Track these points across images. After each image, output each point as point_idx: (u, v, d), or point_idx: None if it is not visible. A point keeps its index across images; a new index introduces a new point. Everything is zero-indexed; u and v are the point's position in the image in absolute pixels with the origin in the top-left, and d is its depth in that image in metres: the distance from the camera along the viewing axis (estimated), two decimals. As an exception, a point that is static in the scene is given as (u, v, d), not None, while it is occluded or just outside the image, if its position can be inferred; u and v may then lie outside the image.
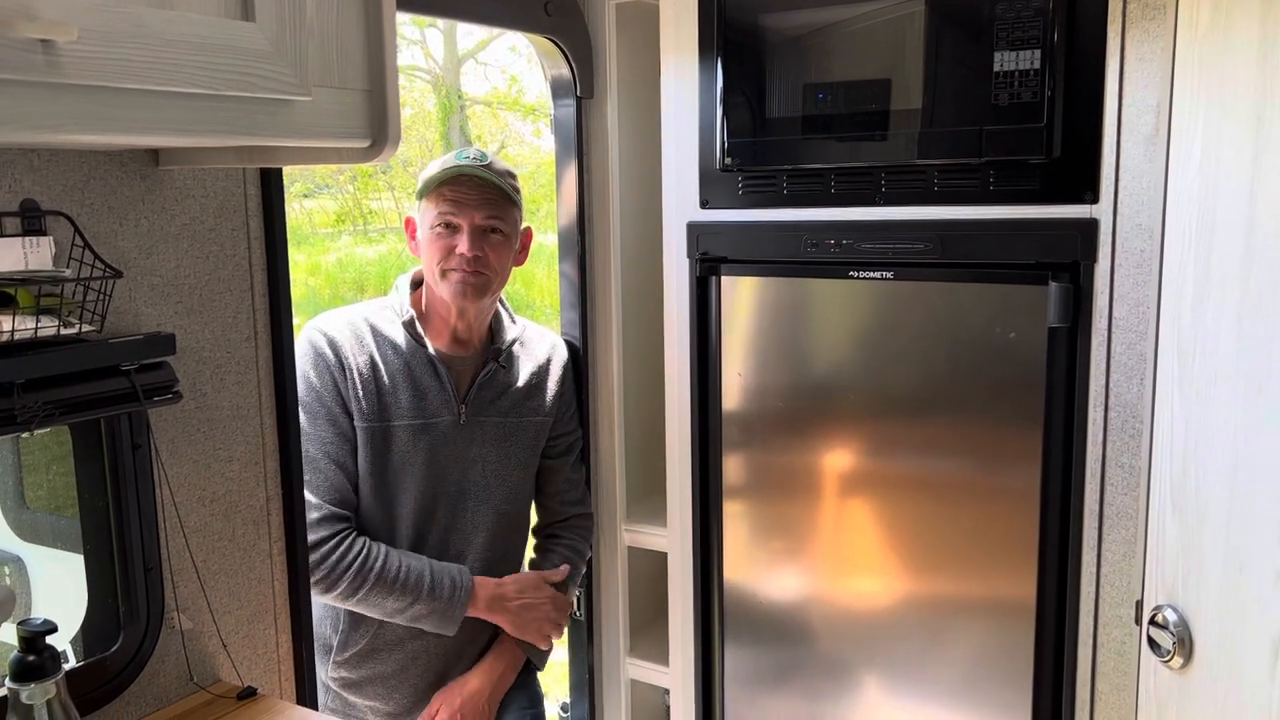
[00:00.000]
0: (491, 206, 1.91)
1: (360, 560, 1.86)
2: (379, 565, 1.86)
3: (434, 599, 1.90)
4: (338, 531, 1.86)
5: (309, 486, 1.84)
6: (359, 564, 1.85)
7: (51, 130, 0.87)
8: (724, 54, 1.83)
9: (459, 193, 1.89)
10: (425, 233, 1.93)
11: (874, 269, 1.76)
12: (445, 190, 1.89)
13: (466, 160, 1.90)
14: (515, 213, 1.96)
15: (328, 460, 1.87)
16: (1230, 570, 1.24)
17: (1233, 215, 1.22)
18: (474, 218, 1.89)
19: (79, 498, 1.37)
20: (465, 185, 1.89)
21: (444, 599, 1.91)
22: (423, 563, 1.92)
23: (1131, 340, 1.55)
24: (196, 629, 1.43)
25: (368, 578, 1.86)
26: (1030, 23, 1.55)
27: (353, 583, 1.85)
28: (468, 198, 1.89)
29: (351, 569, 1.85)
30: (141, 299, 1.34)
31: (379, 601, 1.88)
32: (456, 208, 1.89)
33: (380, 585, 1.86)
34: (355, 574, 1.85)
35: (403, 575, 1.88)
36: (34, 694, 1.09)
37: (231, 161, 1.28)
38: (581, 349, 2.23)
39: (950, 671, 1.80)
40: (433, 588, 1.90)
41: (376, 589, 1.86)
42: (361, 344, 1.92)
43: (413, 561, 1.91)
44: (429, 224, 1.92)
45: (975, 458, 1.74)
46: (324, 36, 1.07)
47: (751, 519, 1.98)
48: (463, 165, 1.89)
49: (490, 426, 2.00)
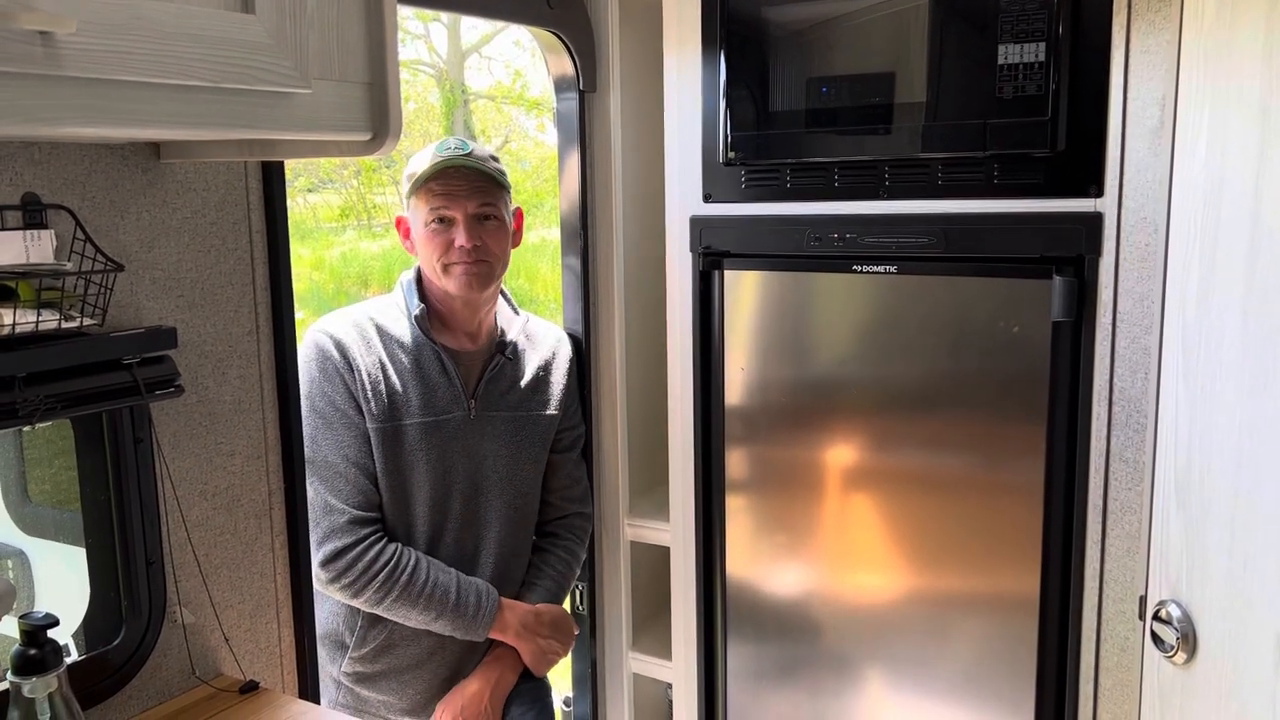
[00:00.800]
0: (482, 194, 1.90)
1: (390, 567, 1.85)
2: (407, 575, 1.86)
3: (458, 616, 1.90)
4: (366, 536, 1.86)
5: (331, 492, 1.84)
6: (388, 571, 1.85)
7: (51, 123, 0.87)
8: (727, 47, 1.82)
9: (448, 185, 1.88)
10: (420, 230, 1.92)
11: (877, 263, 1.76)
12: (433, 185, 1.88)
13: (448, 151, 1.89)
14: (505, 196, 1.96)
15: (348, 464, 1.86)
16: (1234, 565, 1.24)
17: (1238, 209, 1.21)
18: (467, 208, 1.89)
19: (81, 491, 1.37)
20: (453, 177, 1.89)
21: (468, 617, 1.91)
22: (450, 577, 1.91)
23: (1136, 334, 1.54)
24: (198, 623, 1.44)
25: (394, 586, 1.85)
26: (1035, 15, 1.54)
27: (380, 590, 1.85)
28: (457, 189, 1.88)
29: (380, 575, 1.84)
30: (143, 293, 1.34)
31: (404, 611, 1.88)
32: (448, 201, 1.88)
33: (406, 596, 1.86)
34: (384, 581, 1.84)
35: (429, 589, 1.87)
36: (36, 687, 1.09)
37: (232, 155, 1.28)
38: (584, 343, 2.22)
39: (953, 666, 1.79)
40: (458, 604, 1.89)
41: (403, 599, 1.86)
42: (369, 345, 1.91)
43: (441, 575, 1.90)
44: (423, 221, 1.91)
45: (979, 452, 1.74)
46: (324, 29, 1.07)
47: (754, 513, 1.98)
48: (447, 157, 1.88)
49: (500, 421, 2.00)
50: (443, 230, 1.90)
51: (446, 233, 1.89)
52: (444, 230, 1.89)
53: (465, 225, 1.88)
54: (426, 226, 1.91)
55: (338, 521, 1.83)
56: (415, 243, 1.95)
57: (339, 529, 1.83)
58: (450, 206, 1.88)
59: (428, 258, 1.92)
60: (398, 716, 2.00)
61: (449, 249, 1.89)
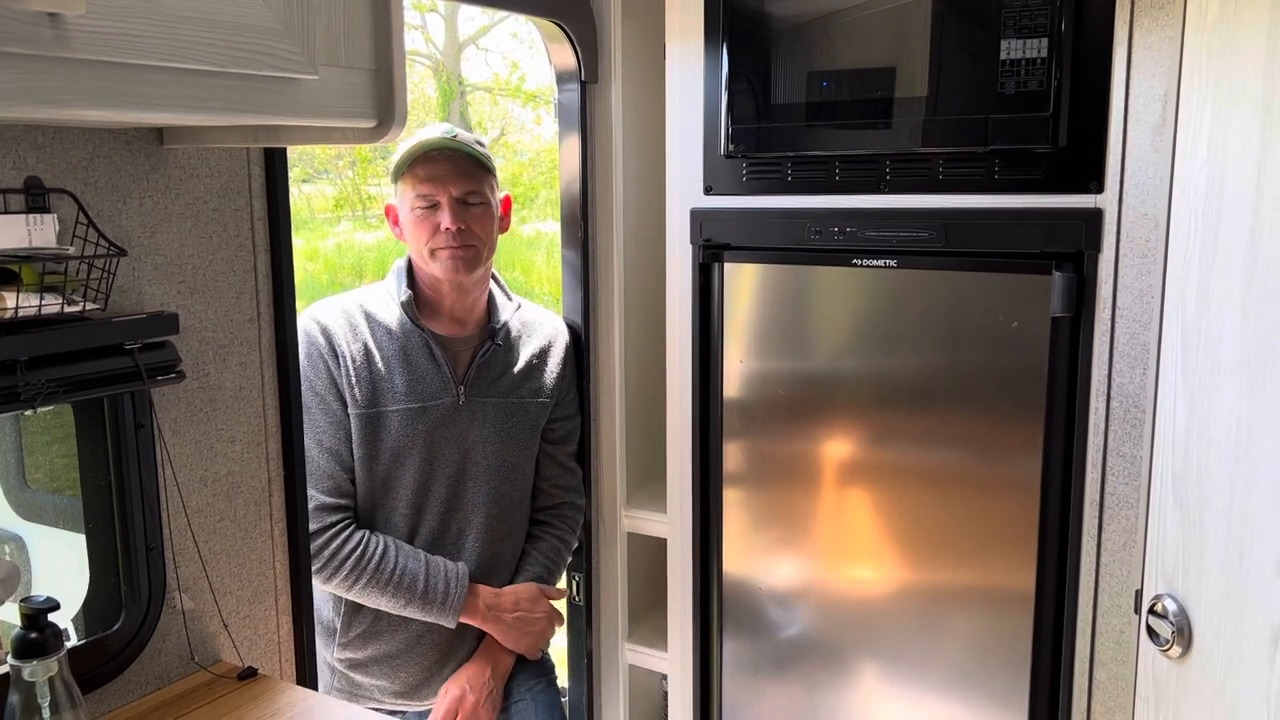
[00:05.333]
0: (467, 178, 1.91)
1: (357, 554, 1.86)
2: (375, 563, 1.87)
3: (427, 602, 1.91)
4: (334, 523, 1.87)
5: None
6: (355, 557, 1.86)
7: (58, 105, 0.87)
8: (729, 40, 1.82)
9: (432, 169, 1.89)
10: (406, 215, 1.93)
11: (878, 257, 1.76)
12: (419, 169, 1.89)
13: (434, 136, 1.90)
14: (491, 179, 1.96)
15: (320, 449, 1.87)
16: (1231, 560, 1.25)
17: (1239, 206, 1.22)
18: (451, 190, 1.89)
19: (81, 477, 1.37)
20: (437, 161, 1.89)
21: (437, 603, 1.91)
22: (419, 563, 1.91)
23: (1135, 330, 1.55)
24: (198, 609, 1.44)
25: (362, 574, 1.86)
26: (1038, 11, 1.54)
27: (349, 576, 1.86)
28: (442, 172, 1.89)
29: (348, 562, 1.85)
30: (145, 278, 1.34)
31: (374, 598, 1.89)
32: (433, 185, 1.89)
33: (375, 583, 1.87)
34: (352, 568, 1.86)
35: (397, 576, 1.88)
36: (36, 671, 1.09)
37: (237, 141, 1.28)
38: (583, 334, 2.22)
39: (949, 660, 1.80)
40: (426, 591, 1.90)
41: (371, 586, 1.87)
42: (355, 331, 1.91)
43: (409, 562, 1.90)
44: (409, 206, 1.92)
45: (976, 446, 1.74)
46: (331, 15, 1.07)
47: (751, 506, 1.98)
48: (431, 140, 1.89)
49: (490, 407, 2.00)
50: (429, 214, 1.90)
51: (432, 217, 1.90)
52: (430, 214, 1.90)
53: (450, 208, 1.89)
54: (412, 211, 1.91)
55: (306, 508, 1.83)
56: (403, 229, 1.95)
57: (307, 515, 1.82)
58: (436, 190, 1.89)
59: (415, 243, 1.93)
60: (392, 700, 2.01)
61: (435, 233, 1.90)
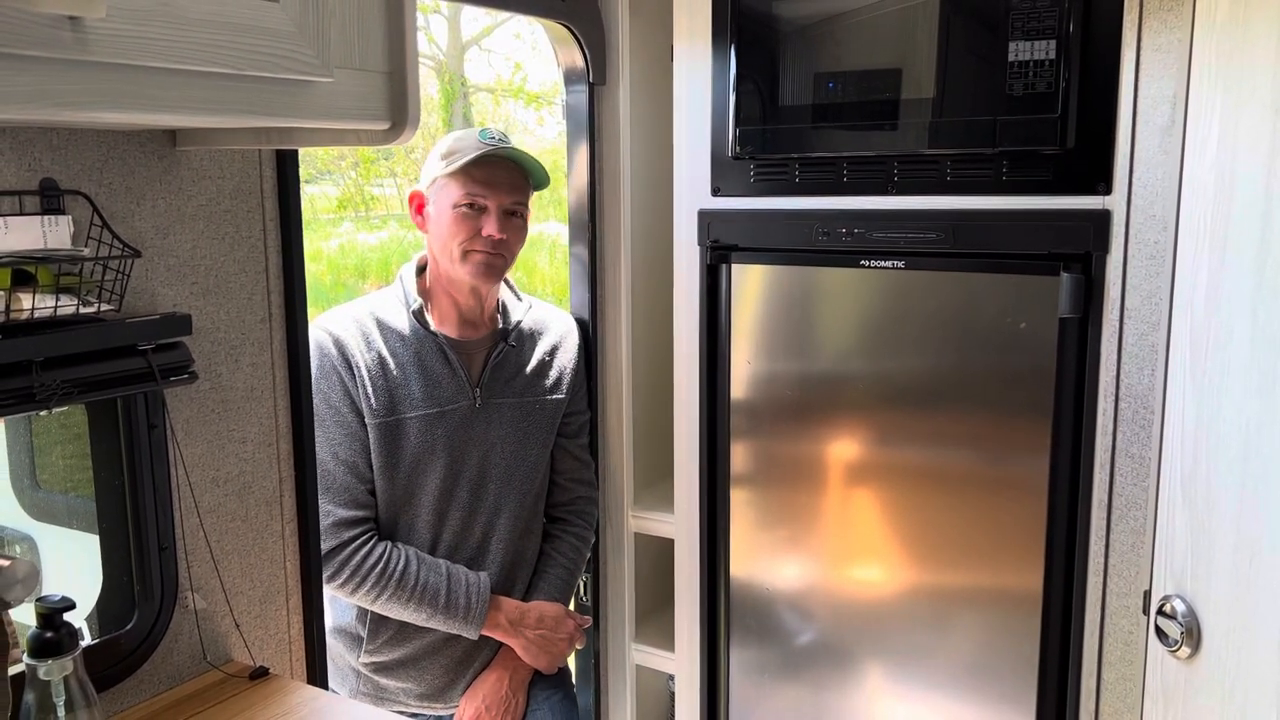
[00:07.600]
0: (518, 191, 1.91)
1: (380, 568, 1.87)
2: (397, 577, 1.87)
3: (449, 615, 1.92)
4: (355, 536, 1.87)
5: (320, 491, 1.85)
6: (379, 571, 1.86)
7: (76, 108, 0.87)
8: (737, 41, 1.83)
9: (491, 173, 1.88)
10: (446, 211, 1.90)
11: (885, 258, 1.77)
12: (474, 170, 1.88)
13: (491, 140, 1.89)
14: (531, 194, 1.97)
15: (336, 462, 1.87)
16: (1240, 561, 1.25)
17: (1248, 208, 1.22)
18: (502, 200, 1.89)
19: (95, 477, 1.38)
20: (495, 167, 1.89)
21: (459, 617, 1.92)
22: (440, 576, 1.92)
23: (1143, 331, 1.55)
24: (210, 609, 1.44)
25: (385, 588, 1.87)
26: (1046, 12, 1.55)
27: (372, 589, 1.87)
28: (499, 179, 1.89)
29: (371, 576, 1.86)
30: (158, 279, 1.34)
31: (398, 610, 1.90)
32: (487, 189, 1.88)
33: (398, 597, 1.88)
34: (375, 581, 1.86)
35: (419, 591, 1.88)
36: (51, 670, 1.10)
37: (249, 143, 1.28)
38: (591, 334, 2.23)
39: (956, 661, 1.80)
40: (448, 605, 1.91)
41: (395, 599, 1.88)
42: (368, 340, 1.91)
43: (431, 576, 1.91)
44: (453, 202, 1.89)
45: (984, 448, 1.74)
46: (345, 18, 1.07)
47: (758, 507, 1.99)
48: (494, 146, 1.88)
49: (507, 408, 2.00)
50: (473, 216, 1.89)
51: (476, 219, 1.89)
52: (474, 216, 1.89)
53: (497, 216, 1.88)
54: (455, 208, 1.89)
55: (324, 524, 1.83)
56: (433, 221, 1.93)
57: (325, 531, 1.83)
58: (487, 195, 1.88)
59: (446, 239, 1.91)
60: (417, 702, 2.02)
61: (475, 236, 1.88)
